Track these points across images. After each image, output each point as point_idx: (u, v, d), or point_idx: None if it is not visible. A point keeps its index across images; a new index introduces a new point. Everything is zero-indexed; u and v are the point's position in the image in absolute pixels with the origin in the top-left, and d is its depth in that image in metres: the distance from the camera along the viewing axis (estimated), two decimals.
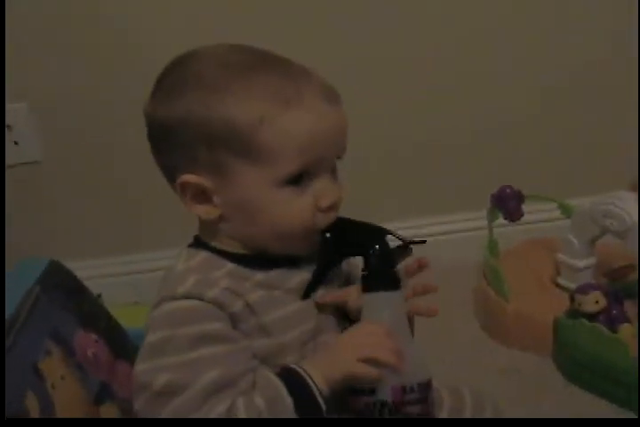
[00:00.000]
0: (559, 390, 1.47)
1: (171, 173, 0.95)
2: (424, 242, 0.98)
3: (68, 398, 1.01)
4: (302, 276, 0.97)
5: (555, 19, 1.80)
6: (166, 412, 0.87)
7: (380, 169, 1.76)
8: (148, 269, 1.87)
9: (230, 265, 0.94)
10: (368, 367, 0.89)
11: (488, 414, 1.06)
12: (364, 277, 0.95)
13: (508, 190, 1.62)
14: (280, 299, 0.95)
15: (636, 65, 1.80)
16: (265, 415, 0.86)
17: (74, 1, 1.66)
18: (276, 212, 0.92)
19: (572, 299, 1.46)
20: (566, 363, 1.50)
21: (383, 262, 0.95)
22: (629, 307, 1.48)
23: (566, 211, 1.62)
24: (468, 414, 1.04)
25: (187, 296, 0.89)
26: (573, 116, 1.87)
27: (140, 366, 0.89)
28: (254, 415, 0.86)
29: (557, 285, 1.65)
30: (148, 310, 0.93)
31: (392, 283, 0.94)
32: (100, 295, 1.44)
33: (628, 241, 1.49)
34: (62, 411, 0.99)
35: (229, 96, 0.89)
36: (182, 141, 0.91)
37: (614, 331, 1.41)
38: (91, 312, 1.16)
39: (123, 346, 1.19)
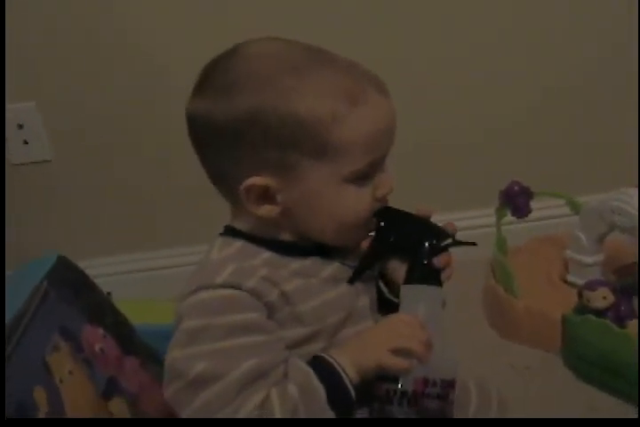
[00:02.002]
0: (568, 386, 1.47)
1: (227, 176, 0.93)
2: (474, 244, 0.98)
3: (77, 393, 1.02)
4: (335, 265, 0.98)
5: (556, 19, 1.80)
6: (199, 401, 0.86)
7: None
8: (159, 266, 1.89)
9: (266, 253, 0.94)
10: (398, 359, 0.89)
11: (494, 408, 1.06)
12: (409, 268, 0.96)
13: (516, 187, 1.62)
14: (315, 287, 0.95)
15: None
16: (299, 404, 0.87)
17: (84, 2, 1.67)
18: (341, 206, 0.92)
19: (581, 295, 1.46)
20: (575, 359, 1.50)
21: (430, 257, 0.95)
22: (637, 303, 1.48)
23: (575, 207, 1.62)
24: (473, 408, 1.04)
25: (225, 285, 0.89)
26: (581, 112, 1.87)
27: (175, 353, 0.89)
28: (289, 405, 0.86)
29: (566, 281, 1.65)
30: (175, 299, 0.93)
31: (434, 278, 0.95)
32: (110, 293, 1.45)
33: (635, 237, 1.48)
34: (70, 405, 0.99)
35: (297, 95, 0.88)
36: (248, 143, 0.90)
37: (622, 327, 1.41)
38: (99, 308, 1.17)
39: (130, 341, 1.20)
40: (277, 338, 0.91)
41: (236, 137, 0.90)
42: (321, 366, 0.90)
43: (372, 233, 0.97)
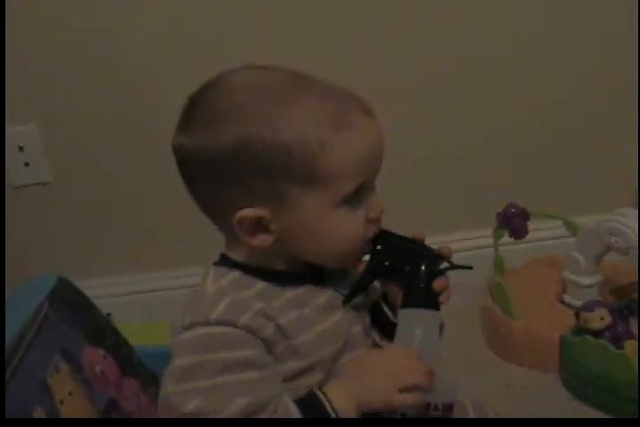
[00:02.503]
0: (565, 406, 1.48)
1: (218, 208, 0.93)
2: (470, 268, 0.98)
3: (76, 414, 1.02)
4: (329, 293, 0.98)
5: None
6: None
7: (384, 187, 1.76)
8: (156, 288, 1.89)
9: (260, 284, 0.94)
10: (408, 396, 0.90)
11: None
12: (406, 292, 0.96)
13: (513, 209, 1.63)
14: (310, 318, 0.95)
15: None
16: None
17: (87, 24, 1.68)
18: (335, 231, 0.92)
19: (578, 316, 1.47)
20: (573, 379, 1.50)
21: (427, 281, 0.96)
22: (635, 324, 1.49)
23: (572, 228, 1.62)
24: None
25: (220, 322, 0.88)
26: (578, 133, 1.87)
27: (170, 389, 0.89)
28: None
29: (563, 302, 1.66)
30: (168, 329, 0.93)
31: (432, 301, 0.96)
32: (109, 315, 1.45)
33: (632, 258, 1.49)
34: None
35: (283, 124, 0.88)
36: (236, 174, 0.89)
37: (620, 348, 1.42)
38: (99, 329, 1.17)
39: (130, 363, 1.20)
40: (272, 373, 0.91)
41: (224, 169, 0.89)
42: (311, 406, 0.89)
43: (367, 256, 0.98)
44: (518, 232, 1.63)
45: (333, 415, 0.89)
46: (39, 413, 0.95)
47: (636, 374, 1.38)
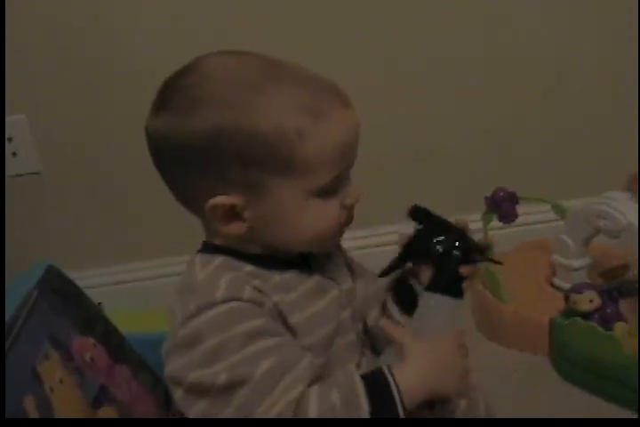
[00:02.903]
0: (555, 388, 1.48)
1: (193, 195, 0.93)
2: (501, 263, 1.03)
3: (67, 402, 1.02)
4: (316, 277, 0.98)
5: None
6: (233, 405, 0.86)
7: (374, 172, 1.77)
8: (148, 276, 1.89)
9: (248, 267, 0.94)
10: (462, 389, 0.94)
11: (481, 411, 1.07)
12: (435, 276, 0.98)
13: (502, 193, 1.63)
14: (300, 301, 0.95)
15: (632, 66, 1.82)
16: (337, 412, 0.86)
17: (73, 15, 1.67)
18: (308, 221, 0.93)
19: (568, 299, 1.48)
20: (562, 362, 1.51)
21: (457, 269, 0.98)
22: (624, 306, 1.49)
23: (560, 212, 1.63)
24: (461, 410, 1.05)
25: (226, 300, 0.89)
26: (566, 117, 1.88)
27: (196, 373, 0.88)
28: (327, 410, 0.86)
29: (553, 285, 1.66)
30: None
31: (458, 289, 0.98)
32: (100, 304, 1.45)
33: (622, 241, 1.50)
34: (61, 414, 0.99)
35: (260, 113, 0.88)
36: (212, 161, 0.89)
37: (609, 329, 1.42)
38: (88, 317, 1.17)
39: (121, 350, 1.20)
40: (289, 338, 0.92)
41: (200, 156, 0.89)
42: (376, 384, 0.89)
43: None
44: (507, 216, 1.63)
45: (397, 396, 0.88)
46: (29, 400, 0.95)
47: (626, 356, 1.39)
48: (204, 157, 0.89)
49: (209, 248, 0.97)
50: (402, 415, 0.88)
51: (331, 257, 1.03)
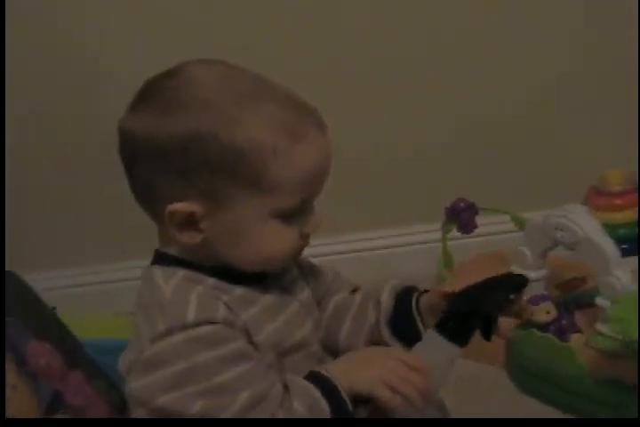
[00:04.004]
0: (511, 398, 1.49)
1: (154, 197, 0.92)
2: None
3: (21, 408, 1.01)
4: (273, 292, 0.98)
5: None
6: None
7: (335, 181, 1.77)
8: (103, 280, 1.88)
9: (210, 280, 0.93)
10: (391, 394, 0.90)
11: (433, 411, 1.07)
12: (446, 318, 0.96)
13: (462, 203, 1.64)
14: (262, 316, 0.94)
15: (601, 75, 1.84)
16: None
17: (58, 31, 1.67)
18: (263, 241, 0.92)
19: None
20: (518, 373, 1.52)
21: (475, 323, 0.97)
22: (580, 317, 1.50)
23: (519, 223, 1.64)
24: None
25: (198, 323, 0.88)
26: (527, 129, 1.90)
27: (166, 397, 0.87)
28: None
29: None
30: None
31: (464, 338, 0.97)
32: (54, 308, 1.43)
33: (579, 253, 1.51)
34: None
35: (240, 125, 0.87)
36: (182, 166, 0.88)
37: (565, 340, 1.43)
38: (44, 322, 1.16)
39: (76, 356, 1.19)
40: (260, 361, 0.91)
41: (171, 159, 0.88)
42: (323, 385, 0.90)
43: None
44: (467, 227, 1.64)
45: (342, 390, 0.90)
46: None
47: (581, 368, 1.40)
48: (175, 159, 0.88)
49: (166, 260, 0.96)
50: (350, 406, 0.90)
51: (285, 268, 1.02)
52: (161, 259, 0.96)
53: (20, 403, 1.01)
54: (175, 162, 0.88)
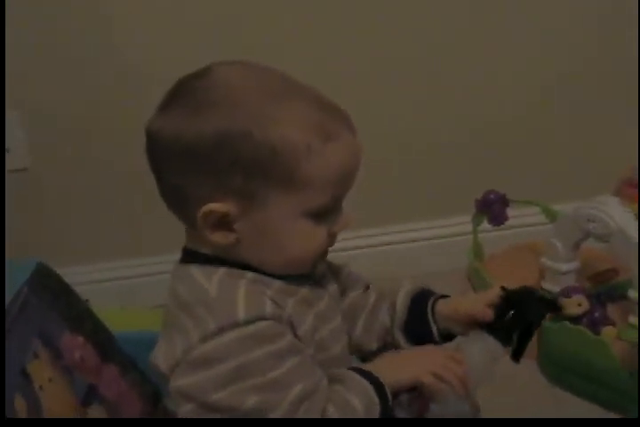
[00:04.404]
0: (543, 392, 1.49)
1: (186, 198, 0.91)
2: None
3: (56, 401, 1.02)
4: (305, 288, 0.97)
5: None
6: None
7: (364, 174, 1.77)
8: (135, 274, 1.88)
9: (249, 274, 0.93)
10: (436, 381, 0.93)
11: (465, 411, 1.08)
12: (497, 320, 0.99)
13: (492, 195, 1.63)
14: (298, 310, 0.94)
15: (629, 68, 1.83)
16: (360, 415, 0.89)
17: (71, 13, 1.67)
18: (295, 240, 0.92)
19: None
20: (550, 365, 1.51)
21: (522, 324, 1.00)
22: (612, 310, 1.50)
23: (550, 215, 1.63)
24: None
25: (249, 320, 0.87)
26: (558, 121, 1.89)
27: (221, 393, 0.87)
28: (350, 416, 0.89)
29: (542, 288, 1.67)
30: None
31: (508, 339, 0.99)
32: (87, 301, 1.45)
33: (611, 245, 1.50)
34: (50, 413, 0.99)
35: (274, 124, 0.87)
36: (215, 166, 0.87)
37: (597, 333, 1.43)
38: (78, 315, 1.17)
39: (109, 349, 1.19)
40: (309, 354, 0.92)
41: (203, 159, 0.88)
42: (375, 384, 0.92)
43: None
44: (497, 219, 1.64)
45: (388, 392, 0.92)
46: (19, 400, 0.95)
47: (614, 360, 1.39)
48: (208, 160, 0.87)
49: (201, 258, 0.95)
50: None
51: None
52: (195, 257, 0.95)
53: (56, 396, 1.02)
54: (208, 162, 0.88)
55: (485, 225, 1.66)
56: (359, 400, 0.90)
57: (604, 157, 1.88)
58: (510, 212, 1.63)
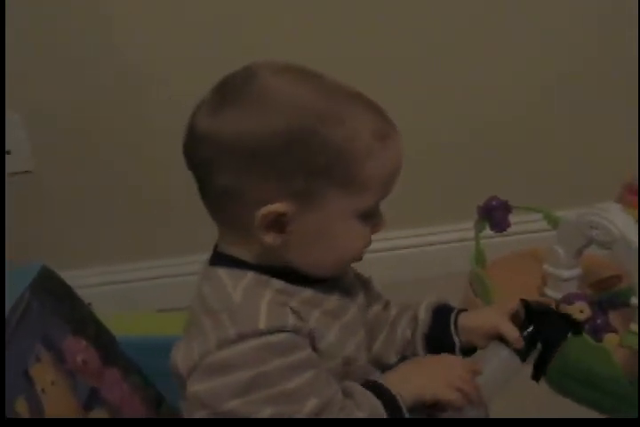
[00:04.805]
0: (545, 399, 1.48)
1: (235, 200, 0.89)
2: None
3: (58, 404, 1.02)
4: (336, 295, 0.97)
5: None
6: None
7: None
8: (137, 278, 1.88)
9: (277, 282, 0.92)
10: (456, 395, 0.93)
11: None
12: (525, 337, 1.00)
13: (494, 202, 1.63)
14: (324, 321, 0.94)
15: (629, 74, 1.83)
16: None
17: (71, 15, 1.68)
18: (345, 240, 0.92)
19: (558, 308, 1.48)
20: (551, 372, 1.50)
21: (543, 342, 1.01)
22: (615, 317, 1.50)
23: (553, 222, 1.63)
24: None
25: (271, 331, 0.87)
26: (560, 127, 1.89)
27: (236, 402, 0.86)
28: None
29: (544, 295, 1.67)
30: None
31: (526, 355, 1.00)
32: (90, 304, 1.45)
33: (614, 252, 1.50)
34: (52, 416, 0.99)
35: (338, 123, 0.87)
36: (279, 167, 0.86)
37: (599, 340, 1.43)
38: (80, 318, 1.17)
39: (112, 353, 1.19)
40: (324, 368, 0.91)
41: (270, 159, 0.86)
42: (385, 397, 0.92)
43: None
44: (500, 225, 1.64)
45: (403, 408, 0.92)
46: (21, 402, 0.95)
47: (616, 367, 1.39)
48: (275, 160, 0.86)
49: (231, 262, 0.94)
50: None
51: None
52: (226, 260, 0.94)
53: (58, 400, 1.02)
54: (274, 162, 0.86)
55: (488, 231, 1.66)
56: (363, 412, 0.89)
57: (606, 163, 1.88)
58: (512, 218, 1.63)
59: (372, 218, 0.93)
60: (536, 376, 1.03)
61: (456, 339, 1.04)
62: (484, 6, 1.77)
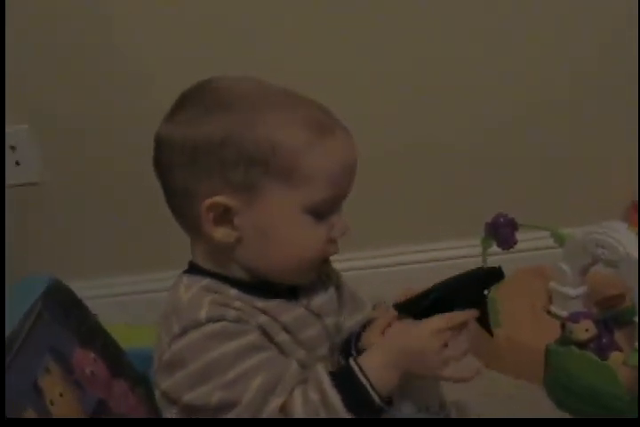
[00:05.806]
0: (550, 416, 1.48)
1: (189, 195, 0.94)
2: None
3: (67, 415, 1.02)
4: (299, 310, 0.99)
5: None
6: None
7: (376, 195, 1.77)
8: (142, 290, 1.89)
9: (232, 291, 0.96)
10: (458, 372, 0.98)
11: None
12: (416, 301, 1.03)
13: (501, 219, 1.63)
14: (278, 328, 0.97)
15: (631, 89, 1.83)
16: (320, 409, 0.91)
17: (80, 24, 1.69)
18: (296, 237, 0.94)
19: (564, 327, 1.48)
20: (557, 390, 1.51)
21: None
22: (620, 335, 1.50)
23: (559, 239, 1.63)
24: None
25: (211, 319, 0.91)
26: (568, 145, 1.89)
27: (190, 395, 0.91)
28: (311, 408, 0.91)
29: (549, 312, 1.67)
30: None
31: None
32: (96, 315, 1.45)
33: (620, 270, 1.50)
34: None
35: (275, 120, 0.92)
36: (218, 160, 0.91)
37: (604, 359, 1.43)
38: (89, 330, 1.18)
39: (120, 364, 1.20)
40: (277, 352, 0.94)
41: (209, 156, 0.91)
42: (345, 378, 0.93)
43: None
44: (506, 242, 1.64)
45: (363, 380, 0.93)
46: (30, 414, 0.95)
47: (621, 386, 1.39)
48: (213, 154, 0.91)
49: (194, 270, 0.99)
50: (378, 401, 0.93)
51: (319, 287, 1.04)
52: (190, 268, 1.00)
53: (67, 411, 1.02)
54: (213, 158, 0.91)
55: (494, 248, 1.66)
56: (315, 392, 0.91)
57: (613, 181, 1.88)
58: (519, 235, 1.63)
59: (327, 217, 0.95)
60: (482, 325, 1.06)
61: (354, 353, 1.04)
62: (483, 7, 1.77)
